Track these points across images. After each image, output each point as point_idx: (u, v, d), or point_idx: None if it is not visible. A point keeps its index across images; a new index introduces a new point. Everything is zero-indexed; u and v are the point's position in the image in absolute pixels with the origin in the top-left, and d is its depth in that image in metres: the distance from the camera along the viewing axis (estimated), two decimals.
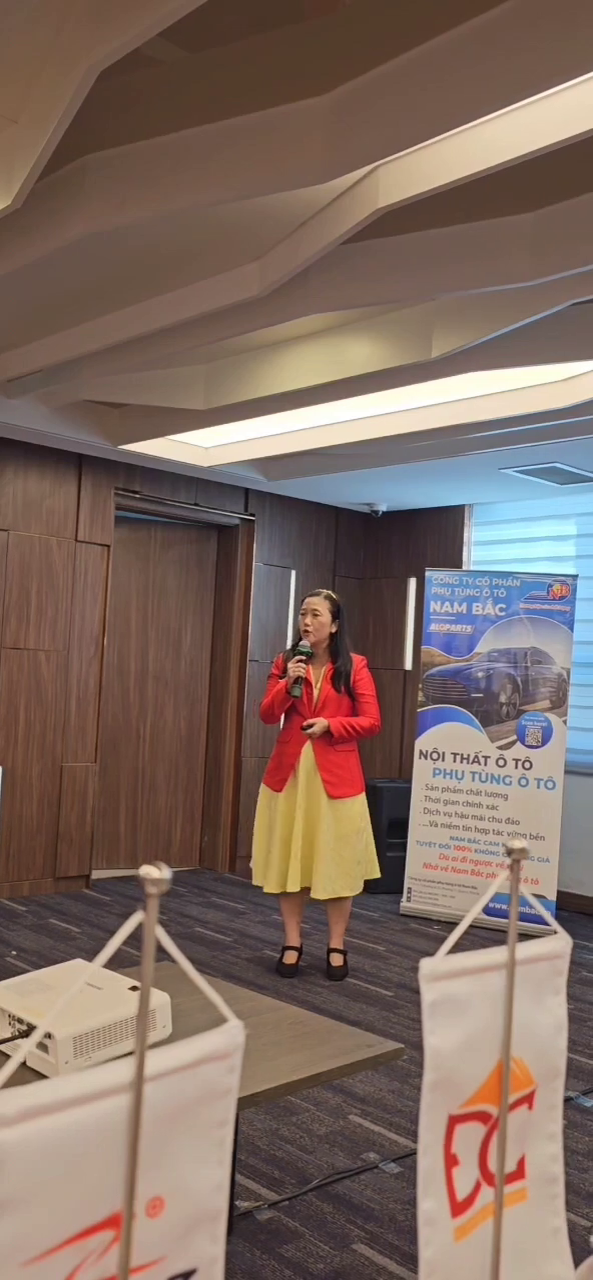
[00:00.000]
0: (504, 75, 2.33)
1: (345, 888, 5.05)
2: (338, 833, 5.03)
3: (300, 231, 3.31)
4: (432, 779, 6.74)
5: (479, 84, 2.37)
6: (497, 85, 2.35)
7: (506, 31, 2.30)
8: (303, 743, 5.07)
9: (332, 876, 5.01)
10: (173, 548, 7.76)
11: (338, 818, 5.04)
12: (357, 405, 5.44)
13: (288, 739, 5.12)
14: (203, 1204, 0.58)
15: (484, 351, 4.22)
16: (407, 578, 8.21)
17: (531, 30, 2.27)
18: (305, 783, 5.04)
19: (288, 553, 8.07)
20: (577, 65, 2.25)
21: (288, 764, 5.08)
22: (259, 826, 5.18)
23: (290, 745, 5.10)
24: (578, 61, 2.24)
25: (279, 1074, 2.43)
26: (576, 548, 7.35)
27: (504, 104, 2.40)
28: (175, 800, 7.78)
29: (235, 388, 5.09)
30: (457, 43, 2.38)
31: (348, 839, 5.04)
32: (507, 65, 2.32)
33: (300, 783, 5.04)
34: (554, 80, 2.30)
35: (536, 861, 6.33)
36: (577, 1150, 3.53)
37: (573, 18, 2.20)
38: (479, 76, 2.37)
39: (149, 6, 2.16)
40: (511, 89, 2.35)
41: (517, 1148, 0.76)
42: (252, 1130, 3.48)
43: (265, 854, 5.12)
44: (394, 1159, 3.37)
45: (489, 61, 2.34)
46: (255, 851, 5.18)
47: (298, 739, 5.08)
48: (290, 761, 5.07)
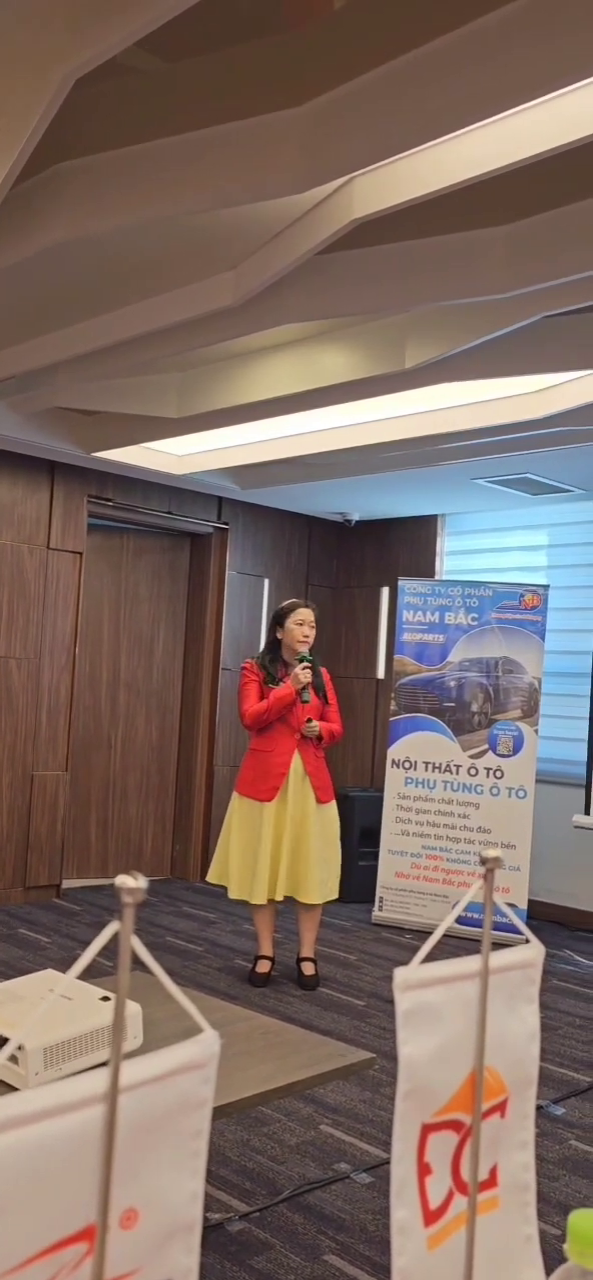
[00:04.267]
0: (479, 89, 2.35)
1: (335, 889, 5.14)
2: (326, 837, 5.10)
3: (275, 241, 3.32)
4: (404, 788, 6.76)
5: (454, 97, 2.39)
6: (471, 99, 2.37)
7: (480, 46, 2.32)
8: (292, 750, 5.05)
9: (324, 880, 5.06)
10: (145, 556, 7.74)
11: (325, 822, 5.11)
12: (330, 415, 5.46)
13: (272, 748, 5.06)
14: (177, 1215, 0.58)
15: (458, 362, 4.25)
16: (379, 587, 8.24)
17: (505, 45, 2.29)
18: (295, 790, 5.04)
19: (261, 562, 8.07)
20: (551, 80, 2.27)
21: (278, 772, 5.03)
22: (236, 838, 5.09)
23: (277, 754, 5.05)
24: (552, 77, 2.26)
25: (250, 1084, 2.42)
26: (547, 558, 7.40)
27: (479, 118, 2.43)
28: (147, 809, 7.75)
29: (209, 396, 5.09)
30: (432, 56, 2.40)
31: (333, 843, 5.15)
32: (482, 79, 2.34)
33: (290, 791, 5.03)
34: (529, 94, 2.32)
35: (507, 870, 6.36)
36: (548, 1159, 3.54)
37: (547, 33, 2.23)
38: (454, 90, 2.39)
39: (126, 16, 2.16)
40: (485, 103, 2.37)
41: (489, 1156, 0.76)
42: (223, 1141, 3.47)
43: (248, 865, 5.04)
44: (366, 1169, 3.37)
45: (464, 75, 2.36)
46: (231, 863, 5.09)
47: (285, 747, 5.04)
48: (280, 770, 5.04)
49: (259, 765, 5.09)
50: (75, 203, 3.02)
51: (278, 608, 5.27)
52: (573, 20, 2.19)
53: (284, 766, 5.04)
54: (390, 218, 3.01)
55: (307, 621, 5.12)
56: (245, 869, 5.05)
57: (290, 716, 5.05)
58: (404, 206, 2.83)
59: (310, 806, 5.06)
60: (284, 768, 5.03)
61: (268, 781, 5.04)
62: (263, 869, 4.99)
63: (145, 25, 2.16)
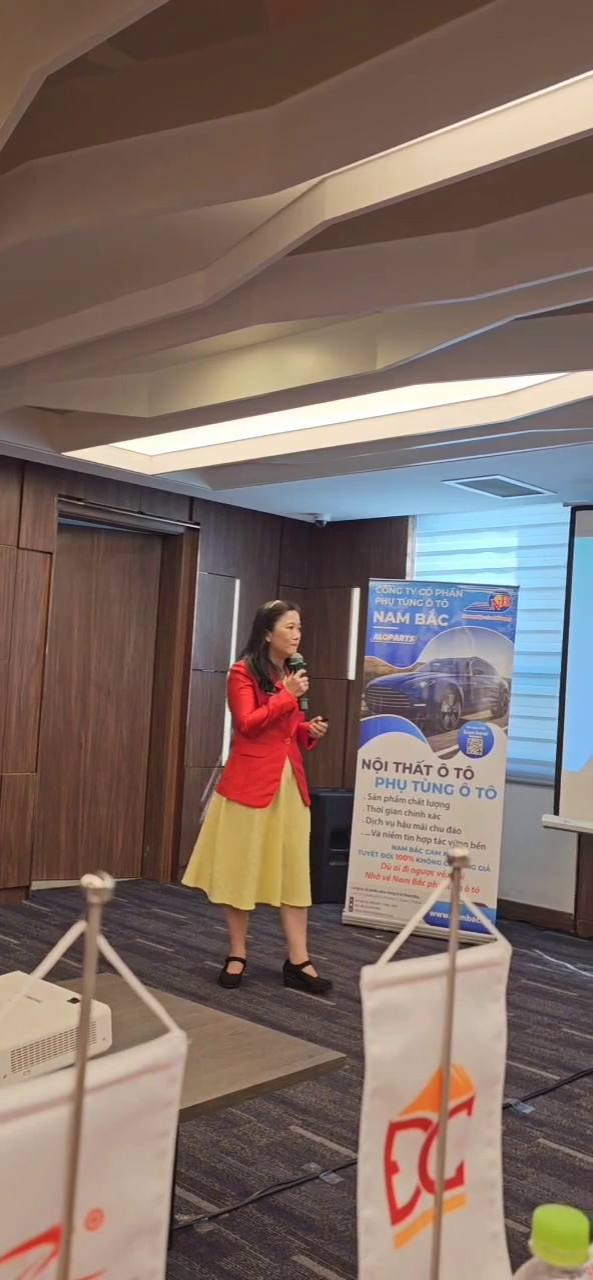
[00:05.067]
0: (450, 93, 2.37)
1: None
2: (304, 840, 5.16)
3: (247, 242, 3.32)
4: (374, 788, 6.77)
5: (426, 100, 2.40)
6: (442, 102, 2.39)
7: (450, 51, 2.33)
8: (284, 757, 5.05)
9: (308, 883, 5.14)
10: (116, 556, 7.71)
11: (305, 825, 5.17)
12: (302, 415, 5.46)
13: (265, 754, 5.04)
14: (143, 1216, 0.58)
15: (428, 364, 4.27)
16: (350, 588, 8.25)
17: (475, 49, 2.30)
18: (286, 796, 5.05)
19: (232, 562, 8.07)
20: (521, 85, 2.29)
21: (271, 779, 5.02)
22: (223, 843, 5.02)
23: (269, 760, 5.03)
24: (522, 82, 2.28)
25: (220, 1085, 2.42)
26: (517, 559, 7.45)
27: (450, 121, 2.44)
28: (117, 810, 7.71)
29: (180, 396, 5.08)
30: (403, 59, 2.41)
31: (307, 844, 5.22)
32: (452, 83, 2.36)
33: (283, 796, 5.04)
34: (499, 99, 2.34)
35: (476, 870, 6.39)
36: (516, 1157, 3.56)
37: (517, 39, 2.24)
38: (426, 93, 2.40)
39: (97, 13, 2.15)
40: (456, 106, 2.38)
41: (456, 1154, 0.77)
42: (192, 1142, 3.46)
43: (237, 870, 4.99)
44: (335, 1169, 3.38)
45: (435, 79, 2.38)
46: (217, 867, 5.03)
47: (278, 753, 5.04)
48: (274, 777, 5.03)
49: (251, 771, 5.04)
50: (46, 201, 3.00)
51: (264, 610, 5.21)
52: (541, 26, 2.20)
53: (277, 773, 5.03)
54: (362, 219, 3.02)
55: (297, 624, 5.14)
56: (233, 873, 5.00)
57: (283, 723, 5.05)
58: (375, 208, 2.84)
59: (298, 810, 5.10)
60: (277, 774, 5.03)
61: (261, 788, 5.02)
62: (253, 874, 4.97)
63: (117, 23, 2.15)
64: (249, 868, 4.97)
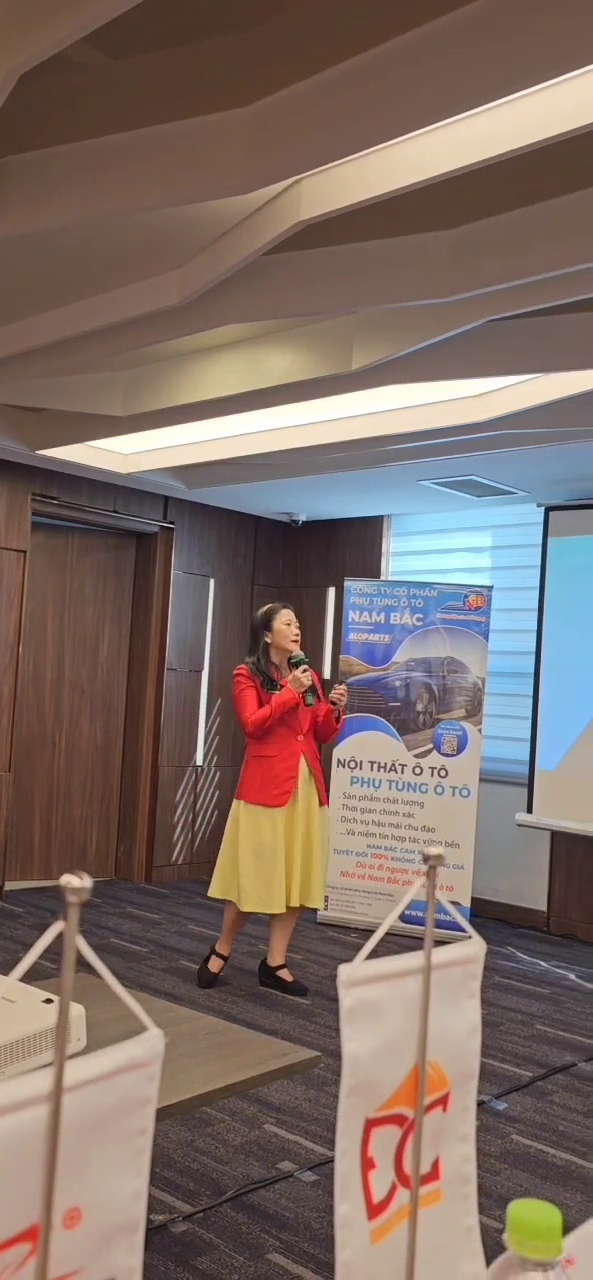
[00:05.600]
0: (424, 95, 2.38)
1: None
2: (324, 838, 5.14)
3: (222, 241, 3.32)
4: (349, 787, 6.79)
5: (400, 102, 2.41)
6: (417, 104, 2.40)
7: (425, 52, 2.35)
8: (298, 754, 5.02)
9: (321, 884, 5.13)
10: (91, 555, 7.68)
11: (323, 825, 5.14)
12: (277, 415, 5.47)
13: (277, 753, 4.98)
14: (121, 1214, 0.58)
15: (403, 365, 4.28)
16: (325, 587, 8.26)
17: (449, 52, 2.31)
18: (303, 795, 5.01)
19: (207, 561, 8.06)
20: (495, 88, 2.30)
21: (288, 777, 4.98)
22: (246, 848, 4.94)
23: (282, 759, 4.98)
24: (497, 84, 2.29)
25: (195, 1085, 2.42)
26: (491, 559, 7.49)
27: (424, 123, 2.45)
28: (91, 810, 7.68)
29: (155, 395, 5.07)
30: (378, 61, 2.42)
31: (326, 845, 5.20)
32: (426, 85, 2.37)
33: (300, 795, 5.00)
34: (473, 101, 2.35)
35: (450, 868, 6.42)
36: (490, 1153, 3.58)
37: (491, 42, 2.26)
38: (400, 95, 2.41)
39: (73, 11, 2.14)
40: (430, 108, 2.39)
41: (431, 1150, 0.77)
42: (167, 1142, 3.46)
43: (264, 874, 4.91)
44: (310, 1167, 3.38)
45: (409, 81, 2.39)
46: (244, 875, 4.93)
47: (291, 751, 5.00)
48: (291, 775, 4.98)
49: (266, 771, 4.99)
50: (21, 199, 2.99)
51: (260, 612, 5.20)
52: (515, 30, 2.22)
53: (293, 770, 4.99)
54: (337, 220, 3.02)
55: (295, 621, 5.14)
56: (261, 878, 4.92)
57: (292, 720, 5.01)
58: (350, 209, 2.85)
59: (314, 809, 5.06)
60: (293, 771, 4.99)
61: (278, 787, 4.97)
62: (279, 877, 4.91)
63: (93, 21, 2.15)
64: (277, 870, 4.91)
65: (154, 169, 2.78)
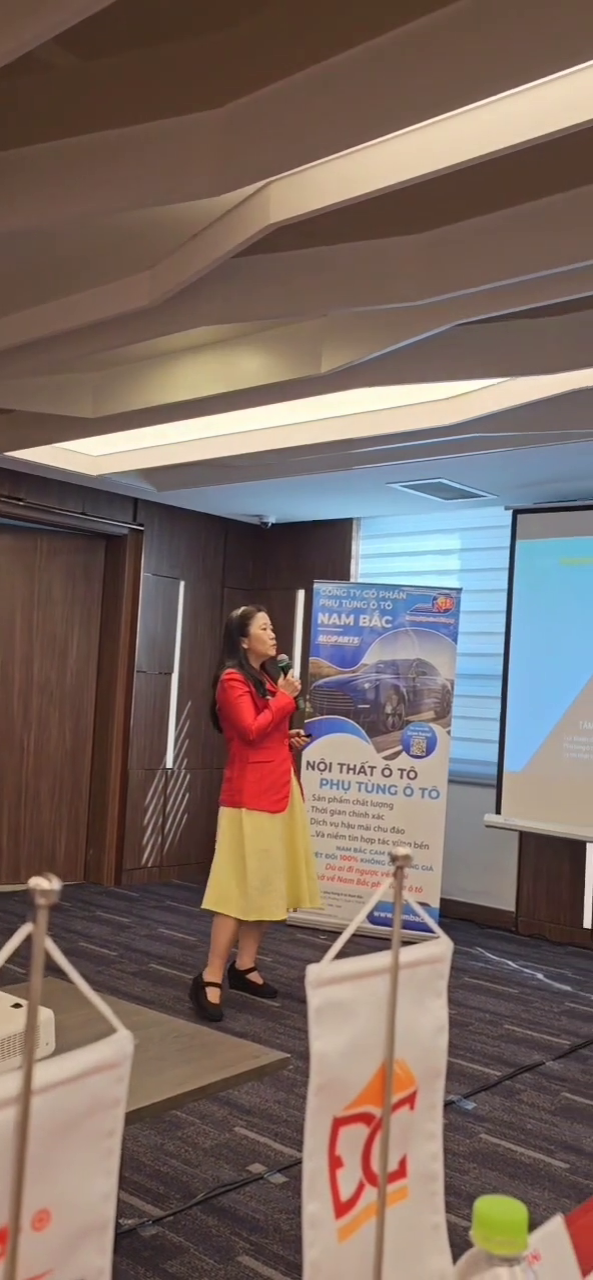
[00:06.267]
0: (393, 100, 2.39)
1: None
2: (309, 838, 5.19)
3: (192, 243, 3.31)
4: (319, 789, 6.80)
5: (369, 107, 2.43)
6: (386, 109, 2.41)
7: (394, 58, 2.36)
8: (289, 758, 5.05)
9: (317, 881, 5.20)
10: (59, 557, 7.64)
11: (308, 824, 5.22)
12: (247, 417, 5.47)
13: (273, 757, 4.95)
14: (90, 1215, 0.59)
15: (373, 368, 4.30)
16: (295, 589, 8.27)
17: (420, 57, 2.33)
18: (296, 798, 5.05)
19: (177, 564, 8.04)
20: (464, 94, 2.32)
21: (285, 781, 4.97)
22: (253, 855, 4.81)
23: (278, 763, 4.96)
24: (465, 90, 2.31)
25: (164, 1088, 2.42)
26: (460, 562, 7.53)
27: (394, 128, 2.46)
28: (60, 814, 7.64)
29: (125, 396, 5.05)
30: (347, 65, 2.43)
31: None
32: (397, 90, 2.38)
33: (295, 798, 5.04)
34: (442, 107, 2.37)
35: (420, 870, 6.45)
36: (458, 1152, 3.60)
37: (459, 49, 2.27)
38: (369, 100, 2.42)
39: (42, 11, 2.13)
40: (399, 113, 2.40)
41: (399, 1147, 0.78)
42: (136, 1146, 3.44)
43: (266, 881, 4.82)
44: (280, 1169, 3.39)
45: (379, 85, 2.40)
46: (250, 883, 4.78)
47: (284, 755, 5.01)
48: (286, 779, 4.99)
49: (266, 777, 4.92)
50: None
51: (235, 617, 5.07)
52: (487, 36, 2.24)
53: (288, 775, 5.01)
54: (307, 223, 3.03)
55: (270, 624, 5.12)
56: (266, 886, 4.82)
57: (284, 725, 5.03)
58: (320, 213, 2.86)
59: (304, 811, 5.15)
60: (288, 776, 5.01)
61: (278, 792, 4.94)
62: (281, 882, 4.88)
63: (62, 21, 2.14)
64: (280, 875, 4.88)
65: (124, 170, 2.78)
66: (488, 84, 2.29)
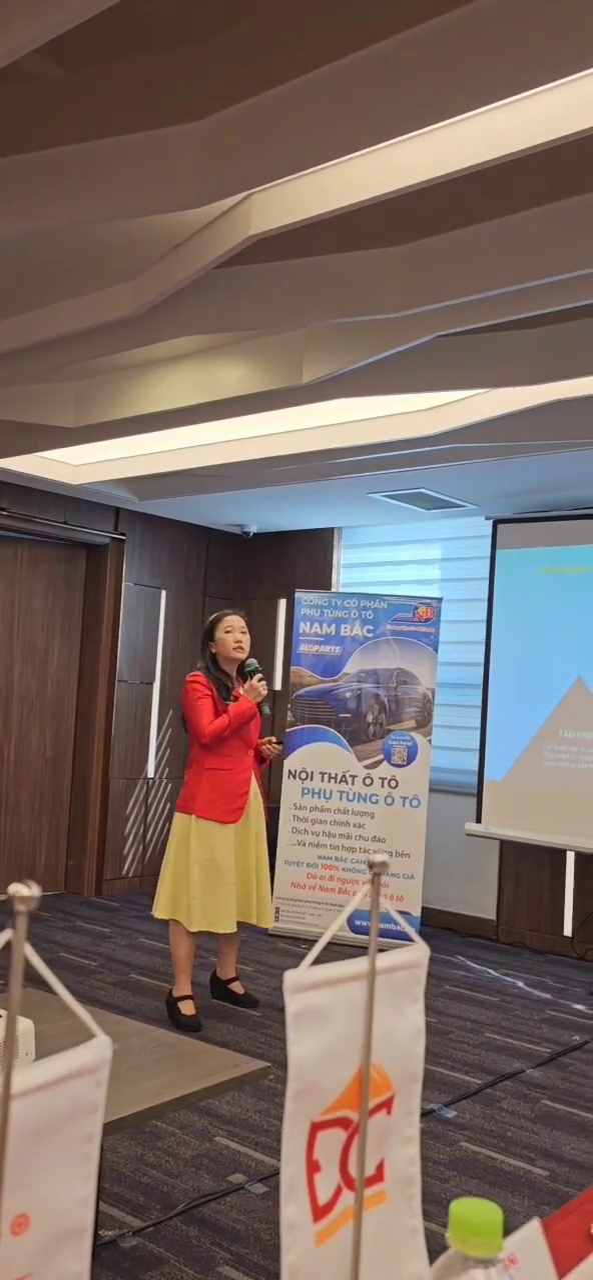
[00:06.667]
0: (375, 113, 2.41)
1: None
2: (265, 853, 5.03)
3: (174, 254, 3.32)
4: (300, 798, 6.80)
5: (350, 120, 2.44)
6: (367, 122, 2.43)
7: (375, 71, 2.38)
8: (251, 768, 4.89)
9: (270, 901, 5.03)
10: (40, 566, 7.62)
11: (264, 838, 5.04)
12: (229, 427, 5.48)
13: (232, 766, 4.82)
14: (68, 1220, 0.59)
15: (354, 378, 4.32)
16: (277, 599, 8.28)
17: (400, 71, 2.35)
18: (254, 810, 4.90)
19: (158, 573, 8.04)
20: (444, 108, 2.34)
21: (242, 792, 4.83)
22: (197, 865, 4.71)
23: (237, 773, 4.83)
24: (445, 105, 2.33)
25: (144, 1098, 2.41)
26: (441, 571, 7.56)
27: (374, 141, 2.48)
28: (40, 823, 7.61)
29: (106, 406, 5.05)
30: (329, 79, 2.44)
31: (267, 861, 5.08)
32: (378, 103, 2.40)
33: (252, 810, 4.88)
34: (423, 121, 2.38)
35: (401, 878, 6.46)
36: (439, 1160, 3.61)
37: (441, 62, 2.29)
38: (350, 113, 2.44)
39: (26, 21, 2.14)
40: (380, 127, 2.42)
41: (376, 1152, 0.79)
42: (116, 1157, 3.43)
43: (213, 892, 4.71)
44: (260, 1179, 3.38)
45: (360, 99, 2.42)
46: (193, 893, 4.70)
47: (245, 764, 4.85)
48: (244, 789, 4.84)
49: (220, 785, 4.79)
50: None
51: (206, 622, 5.05)
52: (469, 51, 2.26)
53: (246, 785, 4.85)
54: (288, 235, 3.05)
55: (237, 628, 4.93)
56: (211, 898, 4.73)
57: (246, 733, 4.85)
58: (301, 225, 2.87)
59: (262, 825, 4.97)
60: (246, 786, 4.85)
61: (232, 802, 4.80)
62: (229, 894, 4.74)
63: (47, 31, 2.15)
64: (227, 888, 4.74)
65: (106, 181, 2.78)
66: (468, 99, 2.31)
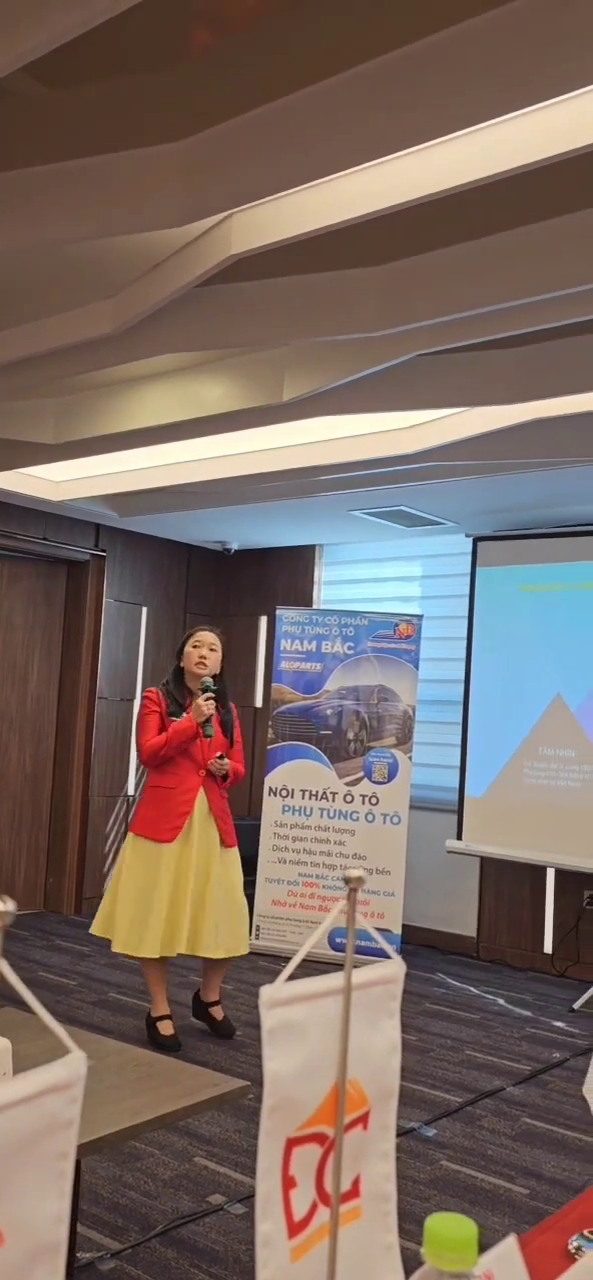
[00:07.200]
0: (355, 136, 2.43)
1: (243, 944, 4.76)
2: (232, 882, 4.75)
3: (155, 272, 3.34)
4: (281, 815, 6.80)
5: (330, 143, 2.46)
6: (347, 145, 2.45)
7: (356, 93, 2.40)
8: (196, 788, 4.67)
9: (233, 933, 4.71)
10: (20, 583, 7.60)
11: (230, 866, 4.76)
12: (210, 444, 5.49)
13: (175, 784, 4.65)
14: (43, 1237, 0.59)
15: (334, 396, 4.34)
16: (258, 615, 8.29)
17: (380, 93, 2.37)
18: (200, 833, 4.65)
19: (139, 589, 8.03)
20: (423, 131, 2.36)
21: (182, 811, 4.62)
22: (128, 883, 4.60)
23: (180, 791, 4.64)
24: (425, 127, 2.35)
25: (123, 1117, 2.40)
26: (421, 588, 7.59)
27: (355, 163, 2.50)
28: (19, 841, 7.57)
29: (87, 423, 5.05)
30: (307, 101, 2.47)
31: (239, 888, 4.80)
32: (357, 127, 2.42)
33: (195, 832, 4.63)
34: (402, 143, 2.41)
35: (382, 896, 6.46)
36: (419, 1180, 3.60)
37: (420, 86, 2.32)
38: (331, 136, 2.46)
39: (10, 40, 2.15)
40: (361, 149, 2.45)
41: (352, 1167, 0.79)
42: (94, 1178, 3.41)
43: (140, 914, 4.56)
44: (240, 1199, 3.37)
45: (340, 122, 2.44)
46: (120, 912, 4.58)
47: (190, 784, 4.66)
48: (184, 809, 4.63)
49: (160, 803, 4.65)
50: None
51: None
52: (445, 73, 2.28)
53: (188, 805, 4.64)
54: (268, 254, 3.06)
55: (204, 644, 4.77)
56: (135, 918, 4.57)
57: (195, 751, 4.67)
58: (281, 245, 2.89)
59: (215, 851, 4.69)
60: (188, 806, 4.64)
61: (169, 821, 4.61)
62: (157, 919, 4.54)
63: (29, 51, 2.16)
64: (153, 911, 4.54)
65: (88, 199, 2.79)
66: (448, 121, 2.34)
